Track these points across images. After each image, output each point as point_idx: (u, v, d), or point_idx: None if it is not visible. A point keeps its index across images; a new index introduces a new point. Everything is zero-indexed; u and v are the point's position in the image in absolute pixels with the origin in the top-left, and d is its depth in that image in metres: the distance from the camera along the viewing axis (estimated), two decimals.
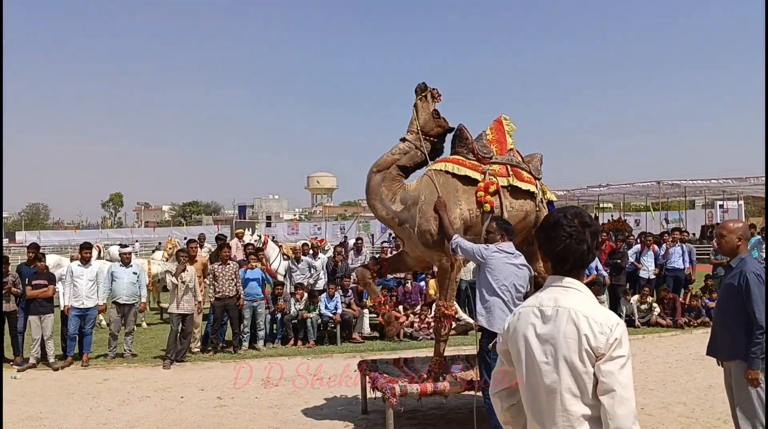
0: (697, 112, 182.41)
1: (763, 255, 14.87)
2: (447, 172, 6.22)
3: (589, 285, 10.11)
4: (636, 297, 12.38)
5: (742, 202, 33.08)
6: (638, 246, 13.73)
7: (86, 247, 10.24)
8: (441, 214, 5.86)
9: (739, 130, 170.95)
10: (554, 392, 2.18)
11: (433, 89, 6.32)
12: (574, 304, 2.24)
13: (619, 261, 12.64)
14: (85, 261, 9.95)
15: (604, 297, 12.34)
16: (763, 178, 24.67)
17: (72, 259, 11.45)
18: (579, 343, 2.16)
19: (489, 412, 5.27)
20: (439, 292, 6.38)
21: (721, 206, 33.34)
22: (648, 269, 13.16)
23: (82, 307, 9.59)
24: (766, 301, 4.36)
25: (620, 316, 12.13)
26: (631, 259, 13.25)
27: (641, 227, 31.14)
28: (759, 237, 15.80)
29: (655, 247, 13.69)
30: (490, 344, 5.25)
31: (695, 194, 32.31)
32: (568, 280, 2.32)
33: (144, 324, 12.95)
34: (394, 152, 6.23)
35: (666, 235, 14.00)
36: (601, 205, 40.70)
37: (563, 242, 2.29)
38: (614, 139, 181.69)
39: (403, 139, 6.27)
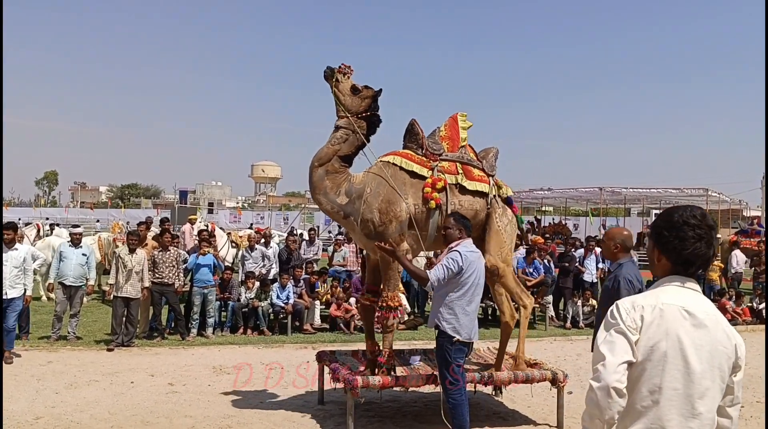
0: (640, 124, 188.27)
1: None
2: (395, 164, 6.25)
3: (537, 286, 10.41)
4: (580, 300, 12.74)
5: None
6: (582, 250, 14.15)
7: (9, 227, 8.88)
8: (401, 261, 5.55)
9: (679, 144, 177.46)
10: (706, 398, 2.18)
11: (341, 67, 6.19)
12: (716, 312, 2.26)
13: (567, 264, 12.99)
14: (9, 244, 8.63)
15: (549, 298, 12.67)
16: (700, 190, 25.77)
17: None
18: (735, 353, 2.23)
19: (454, 412, 5.36)
20: (383, 284, 6.24)
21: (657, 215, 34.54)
22: (591, 273, 13.58)
23: (4, 298, 8.31)
24: None
25: (565, 318, 12.59)
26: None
27: (580, 231, 31.99)
28: None
29: (597, 250, 14.14)
30: (455, 338, 5.33)
31: (634, 202, 33.37)
32: (696, 285, 2.31)
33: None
34: (333, 143, 6.15)
35: None
36: (543, 208, 41.62)
37: (693, 244, 2.26)
38: (560, 145, 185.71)
39: (337, 128, 6.19)
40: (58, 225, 21.68)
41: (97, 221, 38.30)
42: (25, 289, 8.64)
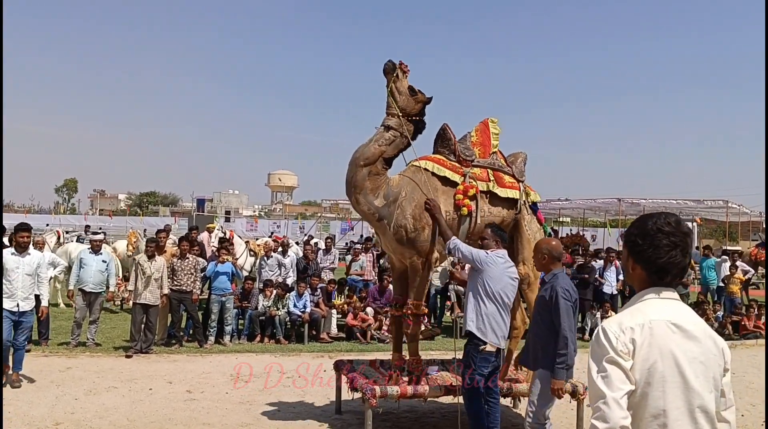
0: (659, 135, 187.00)
1: (722, 275, 15.38)
2: (427, 169, 6.18)
3: None
4: (599, 312, 12.64)
5: (695, 223, 34.10)
6: (601, 261, 14.04)
7: (23, 228, 7.74)
8: (437, 216, 5.79)
9: (696, 154, 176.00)
10: (707, 412, 2.12)
11: (401, 64, 6.05)
12: (700, 320, 2.22)
13: (587, 276, 12.90)
14: (22, 248, 7.63)
15: None
16: (720, 201, 25.53)
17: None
18: (722, 359, 2.19)
19: (475, 418, 5.34)
20: (410, 291, 6.22)
21: None
22: (611, 284, 13.46)
23: (15, 310, 7.39)
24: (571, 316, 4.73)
25: (584, 330, 12.48)
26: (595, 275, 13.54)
27: (597, 243, 31.70)
28: (715, 259, 16.31)
29: (617, 262, 14.04)
30: (481, 347, 5.33)
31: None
32: (674, 294, 2.24)
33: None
34: (381, 143, 5.96)
35: None
36: (560, 219, 41.42)
37: (667, 253, 2.18)
38: (573, 155, 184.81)
39: (387, 127, 6.01)
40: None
41: (100, 228, 36.83)
42: (39, 301, 7.87)
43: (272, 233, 30.65)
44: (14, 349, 7.54)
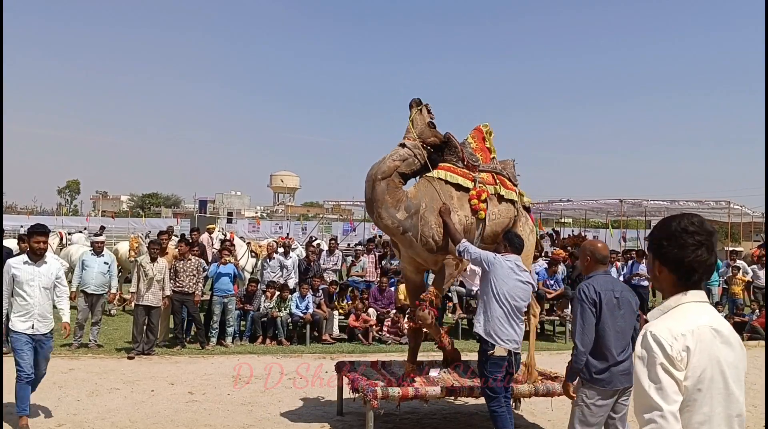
0: (661, 135, 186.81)
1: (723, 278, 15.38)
2: (440, 178, 6.27)
3: (557, 298, 10.38)
4: None
5: None
6: None
7: (38, 231, 6.21)
8: (446, 219, 5.89)
9: (698, 155, 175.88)
10: (741, 416, 2.11)
11: (427, 104, 6.36)
12: (727, 323, 2.22)
13: (579, 276, 12.91)
14: (38, 256, 6.18)
15: (569, 310, 12.57)
16: (722, 202, 25.48)
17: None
18: (745, 362, 2.19)
19: (495, 423, 5.37)
20: (435, 282, 6.29)
21: None
22: None
23: (32, 333, 6.04)
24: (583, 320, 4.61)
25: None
26: None
27: None
28: (719, 261, 16.30)
29: (618, 263, 14.07)
30: (489, 351, 5.35)
31: (655, 214, 32.97)
32: (704, 296, 2.22)
33: (113, 311, 12.77)
34: (395, 158, 6.07)
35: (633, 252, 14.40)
36: (562, 220, 41.40)
37: (693, 252, 2.17)
38: (575, 156, 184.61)
39: (403, 145, 6.16)
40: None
41: (85, 229, 35.57)
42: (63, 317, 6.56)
43: (287, 235, 30.60)
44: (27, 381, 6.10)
